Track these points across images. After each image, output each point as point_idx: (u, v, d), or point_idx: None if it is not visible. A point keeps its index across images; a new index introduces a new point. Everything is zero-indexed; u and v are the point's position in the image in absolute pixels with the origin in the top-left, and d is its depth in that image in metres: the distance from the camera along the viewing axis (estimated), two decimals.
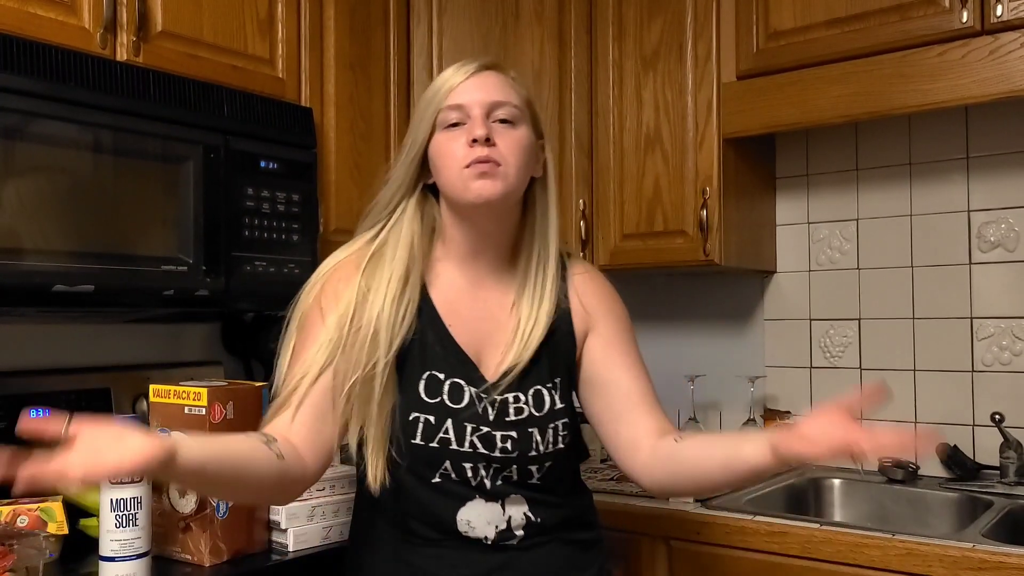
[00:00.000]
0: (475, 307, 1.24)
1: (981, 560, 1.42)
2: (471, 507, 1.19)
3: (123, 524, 1.25)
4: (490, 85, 1.19)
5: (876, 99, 1.82)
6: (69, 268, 1.38)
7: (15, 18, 1.38)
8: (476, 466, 1.18)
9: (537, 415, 1.20)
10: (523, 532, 1.21)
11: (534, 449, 1.19)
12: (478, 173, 1.15)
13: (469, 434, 1.17)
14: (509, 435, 1.18)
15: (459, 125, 1.18)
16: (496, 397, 1.19)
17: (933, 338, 2.09)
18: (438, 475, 1.18)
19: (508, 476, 1.19)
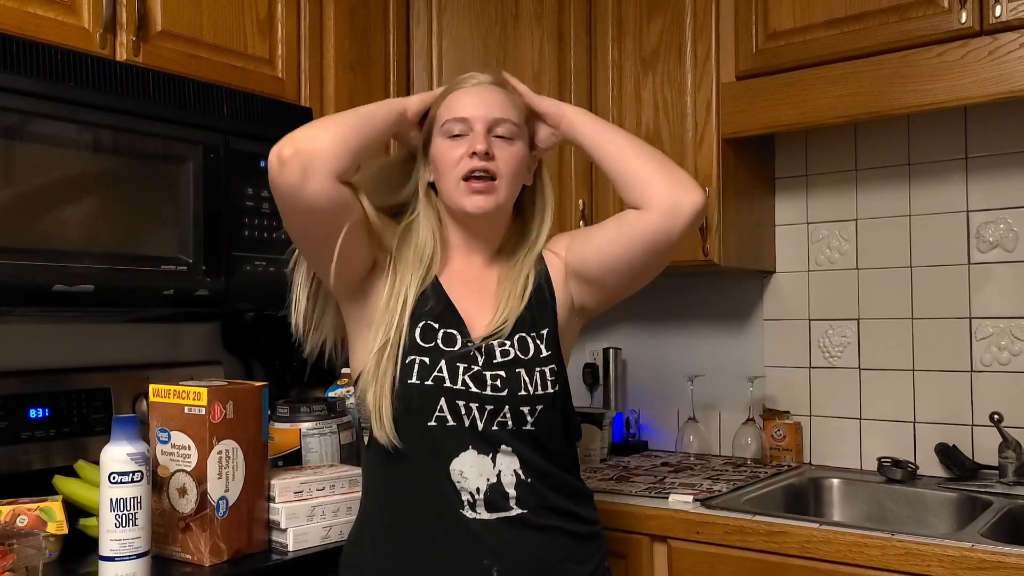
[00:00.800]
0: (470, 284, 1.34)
1: (980, 560, 1.43)
2: (463, 457, 1.23)
3: (123, 524, 1.25)
4: (494, 102, 1.30)
5: (875, 99, 1.83)
6: (69, 268, 1.38)
7: (15, 18, 1.38)
8: (468, 405, 1.24)
9: (523, 358, 1.28)
10: (514, 492, 1.24)
11: (523, 388, 1.26)
12: (473, 190, 1.27)
13: (461, 373, 1.25)
14: (498, 374, 1.26)
15: (461, 136, 1.28)
16: (482, 344, 1.28)
17: (932, 338, 2.09)
18: (434, 418, 1.24)
19: (503, 422, 1.25)
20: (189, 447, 1.37)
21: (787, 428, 2.22)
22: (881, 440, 2.14)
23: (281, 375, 2.11)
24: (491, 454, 1.24)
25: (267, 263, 1.68)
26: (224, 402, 1.38)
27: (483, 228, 1.34)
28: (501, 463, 1.24)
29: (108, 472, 1.26)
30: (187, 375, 1.79)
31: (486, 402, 1.24)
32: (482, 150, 1.26)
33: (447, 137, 1.29)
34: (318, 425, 1.73)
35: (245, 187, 1.64)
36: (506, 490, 1.24)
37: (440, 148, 1.30)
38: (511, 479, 1.24)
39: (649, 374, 2.53)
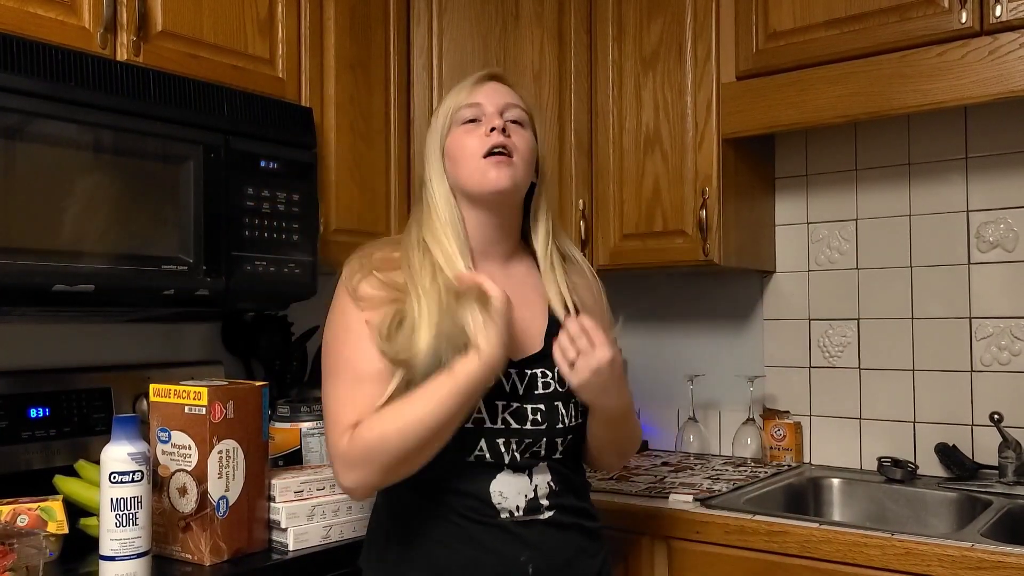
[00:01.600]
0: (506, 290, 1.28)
1: (980, 559, 1.43)
2: (501, 479, 1.24)
3: (123, 523, 1.25)
4: (502, 90, 1.33)
5: (875, 99, 1.83)
6: (69, 268, 1.38)
7: (15, 18, 1.38)
8: (508, 441, 1.24)
9: (561, 390, 1.28)
10: (547, 502, 1.27)
11: (560, 422, 1.27)
12: (494, 163, 1.26)
13: (501, 411, 1.24)
14: (538, 408, 1.26)
15: (475, 121, 1.30)
16: (527, 372, 1.27)
17: (932, 338, 2.09)
18: (473, 456, 1.23)
19: (536, 451, 1.26)
20: (189, 447, 1.37)
21: (787, 428, 2.22)
22: (881, 440, 2.14)
23: (281, 375, 2.11)
24: (526, 471, 1.26)
25: (267, 263, 1.67)
26: (224, 402, 1.38)
27: (501, 216, 1.32)
28: (537, 479, 1.26)
29: (108, 472, 1.26)
30: (187, 375, 1.79)
31: (525, 436, 1.25)
32: (500, 125, 1.27)
33: (461, 124, 1.30)
34: (318, 425, 1.73)
35: (245, 187, 1.64)
36: (540, 501, 1.27)
37: (455, 136, 1.30)
38: (545, 490, 1.27)
39: (649, 374, 2.53)
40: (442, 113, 1.33)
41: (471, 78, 1.34)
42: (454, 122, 1.31)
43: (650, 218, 2.13)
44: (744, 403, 2.32)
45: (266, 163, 1.68)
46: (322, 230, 1.83)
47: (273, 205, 1.69)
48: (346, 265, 1.31)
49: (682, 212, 2.07)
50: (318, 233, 1.79)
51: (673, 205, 2.09)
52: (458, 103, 1.31)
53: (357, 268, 1.28)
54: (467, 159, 1.28)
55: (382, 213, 2.01)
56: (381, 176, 2.01)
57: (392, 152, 2.04)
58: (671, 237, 2.10)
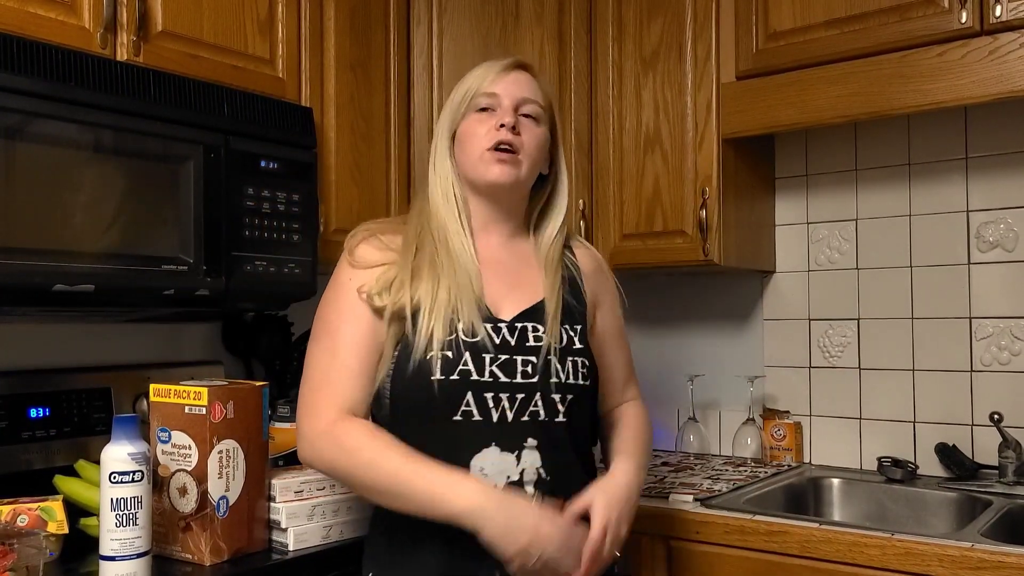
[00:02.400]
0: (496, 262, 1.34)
1: (980, 559, 1.43)
2: (486, 454, 1.22)
3: (123, 523, 1.25)
4: (522, 82, 1.34)
5: (875, 99, 1.83)
6: (69, 268, 1.38)
7: (15, 18, 1.38)
8: (498, 396, 1.22)
9: (556, 345, 1.27)
10: (532, 490, 1.22)
11: (555, 376, 1.25)
12: (498, 158, 1.29)
13: (488, 364, 1.23)
14: (529, 360, 1.25)
15: (488, 110, 1.32)
16: (516, 325, 1.27)
17: (932, 338, 2.09)
18: (460, 412, 1.22)
19: (535, 411, 1.24)
20: (189, 447, 1.37)
21: (787, 428, 2.22)
22: (881, 440, 2.14)
23: (281, 374, 2.11)
24: (516, 451, 1.23)
25: (267, 263, 1.68)
26: (224, 402, 1.38)
27: (501, 203, 1.35)
28: (525, 461, 1.23)
29: (109, 472, 1.26)
30: (187, 375, 1.79)
31: (516, 391, 1.23)
32: (510, 122, 1.28)
33: (475, 111, 1.32)
34: None
35: (245, 187, 1.64)
36: (525, 488, 1.22)
37: (468, 122, 1.32)
38: (532, 477, 1.23)
39: (649, 374, 2.53)
40: (460, 93, 1.34)
41: (497, 64, 1.34)
42: (470, 107, 1.32)
43: (650, 218, 2.13)
44: (744, 403, 2.32)
45: (266, 163, 1.68)
46: (322, 230, 1.83)
47: (273, 205, 1.69)
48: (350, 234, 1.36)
49: (682, 212, 2.07)
50: (318, 233, 1.79)
51: (673, 205, 2.09)
52: (478, 89, 1.32)
53: (360, 231, 1.34)
54: (474, 148, 1.30)
55: (382, 213, 2.01)
56: (381, 176, 2.01)
57: (392, 152, 2.04)
58: (671, 237, 2.10)
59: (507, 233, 1.38)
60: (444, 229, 1.31)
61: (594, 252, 1.49)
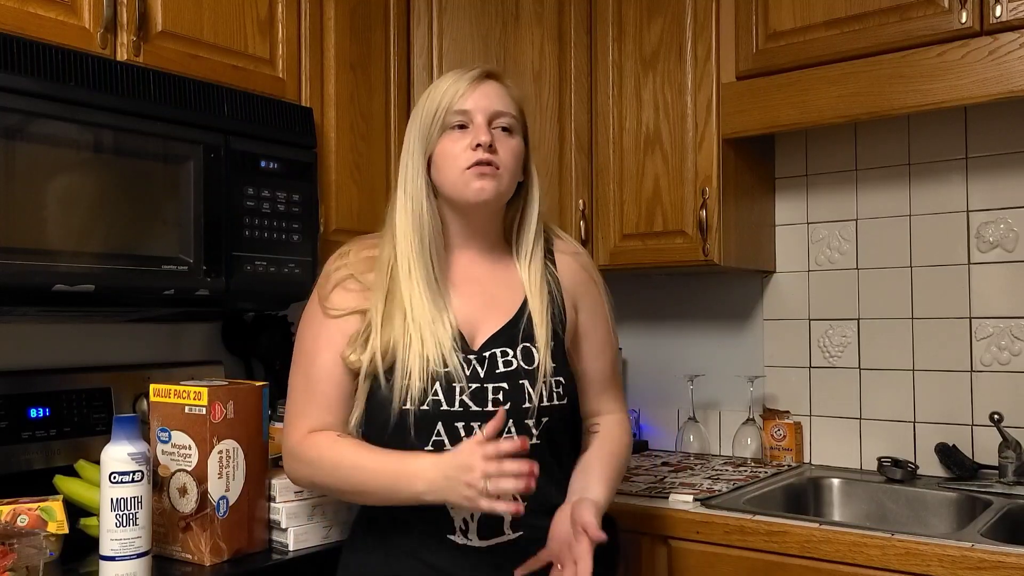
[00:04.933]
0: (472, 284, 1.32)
1: (980, 560, 1.43)
2: None
3: (123, 523, 1.25)
4: (492, 94, 1.30)
5: (875, 99, 1.83)
6: (69, 268, 1.38)
7: (15, 18, 1.38)
8: (469, 425, 1.22)
9: (527, 368, 1.26)
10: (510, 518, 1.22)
11: (527, 400, 1.24)
12: (479, 174, 1.26)
13: (459, 394, 1.22)
14: (500, 386, 1.24)
15: (463, 128, 1.28)
16: (485, 354, 1.26)
17: (932, 338, 2.09)
18: (431, 442, 1.22)
19: (508, 437, 1.20)
20: (189, 447, 1.37)
21: (787, 428, 2.22)
22: (881, 440, 2.14)
23: (281, 375, 2.10)
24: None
25: (267, 263, 1.68)
26: (224, 402, 1.38)
27: (481, 218, 1.33)
28: None
29: (109, 472, 1.26)
30: (187, 375, 1.79)
31: (488, 418, 1.19)
32: (486, 141, 1.25)
33: (448, 129, 1.28)
34: None
35: (245, 187, 1.64)
36: (502, 516, 1.22)
37: (443, 143, 1.28)
38: None
39: (649, 374, 2.53)
40: (429, 111, 1.29)
41: (464, 77, 1.30)
42: (443, 126, 1.28)
43: (650, 218, 2.13)
44: (744, 403, 2.32)
45: (266, 163, 1.68)
46: (322, 230, 1.83)
47: (273, 205, 1.69)
48: (327, 264, 1.35)
49: (682, 212, 2.07)
50: (318, 233, 1.79)
51: (673, 205, 2.09)
52: (449, 106, 1.28)
53: (333, 271, 1.33)
54: (451, 169, 1.27)
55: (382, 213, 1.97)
56: (381, 176, 2.01)
57: (392, 152, 2.03)
58: (671, 237, 2.10)
59: (486, 247, 1.36)
60: (413, 260, 1.27)
61: (577, 253, 1.43)
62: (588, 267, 1.42)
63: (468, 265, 1.34)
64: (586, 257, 1.44)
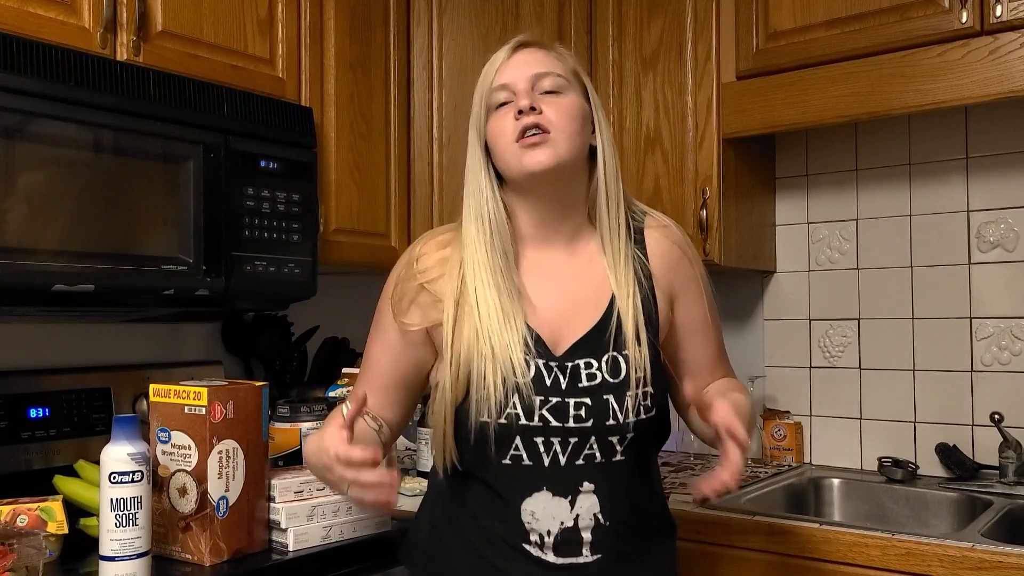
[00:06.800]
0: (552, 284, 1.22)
1: (980, 560, 1.43)
2: (537, 498, 1.14)
3: (123, 524, 1.25)
4: (532, 60, 1.20)
5: (876, 99, 1.82)
6: (69, 268, 1.38)
7: (15, 18, 1.38)
8: (549, 440, 1.14)
9: (612, 381, 1.15)
10: (590, 537, 1.15)
11: (611, 417, 1.14)
12: (528, 144, 1.15)
13: (538, 407, 1.13)
14: (583, 402, 1.14)
15: (507, 104, 1.19)
16: (567, 364, 1.16)
17: (932, 338, 2.09)
18: (509, 456, 1.15)
19: (590, 454, 1.14)
20: (189, 447, 1.37)
21: (787, 428, 2.22)
22: (881, 440, 2.14)
23: (281, 375, 2.11)
24: (569, 496, 1.14)
25: (267, 263, 1.67)
26: (224, 402, 1.38)
27: (554, 194, 1.20)
28: (580, 506, 1.14)
29: (108, 472, 1.26)
30: (187, 375, 1.79)
31: (568, 435, 1.13)
32: (527, 105, 1.15)
33: (494, 109, 1.20)
34: (318, 425, 1.73)
35: (245, 187, 1.64)
36: (581, 535, 1.14)
37: (492, 123, 1.20)
38: (589, 523, 1.14)
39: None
40: (476, 99, 1.23)
41: (500, 52, 1.22)
42: (488, 107, 1.21)
43: None
44: None
45: (266, 163, 1.68)
46: (322, 230, 1.83)
47: (273, 205, 1.69)
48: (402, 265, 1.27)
49: (682, 212, 2.07)
50: (318, 233, 1.79)
51: (673, 205, 2.09)
52: (489, 86, 1.20)
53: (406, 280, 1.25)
54: (503, 146, 1.18)
55: (382, 213, 2.01)
56: (381, 176, 2.01)
57: (392, 152, 2.03)
58: None
59: (568, 234, 1.23)
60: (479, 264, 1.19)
61: (669, 232, 1.28)
62: (681, 242, 1.28)
63: (546, 260, 1.23)
64: (676, 230, 1.30)
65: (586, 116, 1.21)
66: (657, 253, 1.25)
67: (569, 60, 1.24)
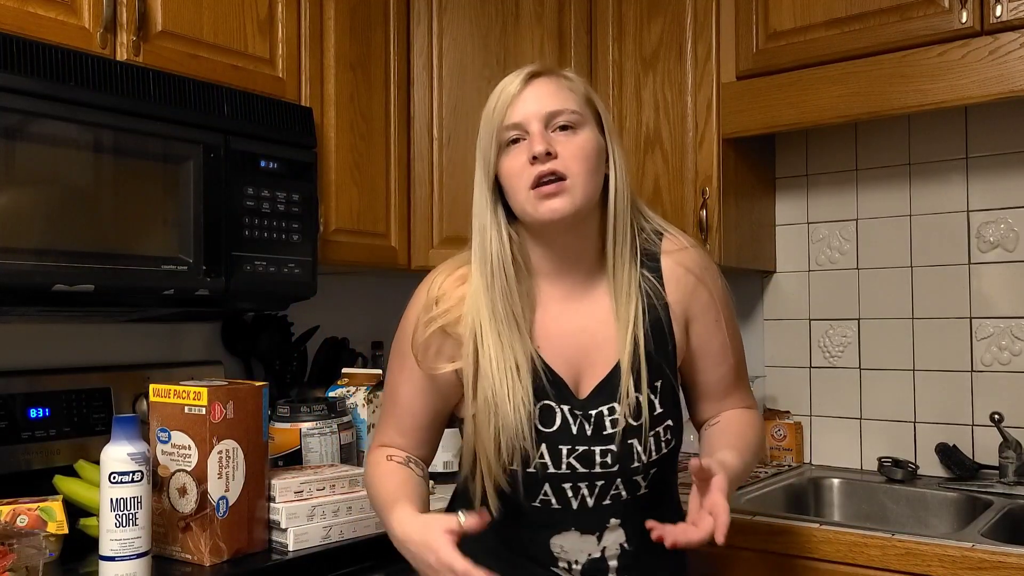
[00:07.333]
0: (570, 322, 1.20)
1: (980, 560, 1.43)
2: (565, 536, 1.18)
3: (123, 524, 1.25)
4: (544, 94, 1.16)
5: (876, 99, 1.82)
6: (69, 268, 1.38)
7: (15, 18, 1.38)
8: (576, 486, 1.17)
9: (635, 424, 1.16)
10: (616, 563, 1.19)
11: (636, 460, 1.17)
12: (544, 194, 1.12)
13: (565, 456, 1.16)
14: (608, 449, 1.16)
15: (519, 141, 1.15)
16: (591, 412, 1.16)
17: (932, 338, 2.09)
18: (538, 500, 1.18)
19: (616, 494, 1.17)
20: (189, 447, 1.37)
21: (787, 428, 2.22)
22: (881, 440, 2.14)
23: (281, 375, 2.11)
24: (597, 532, 1.18)
25: (267, 263, 1.67)
26: (224, 402, 1.38)
27: (570, 237, 1.18)
28: (607, 540, 1.18)
29: (108, 472, 1.26)
30: (187, 375, 1.79)
31: (596, 479, 1.16)
32: (541, 151, 1.11)
33: (506, 147, 1.16)
34: (318, 425, 1.73)
35: (245, 187, 1.64)
36: (608, 563, 1.19)
37: (504, 163, 1.16)
38: (615, 552, 1.19)
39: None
40: (484, 132, 1.18)
41: (511, 84, 1.17)
42: (500, 144, 1.16)
43: None
44: None
45: (266, 163, 1.68)
46: (322, 230, 1.83)
47: (273, 205, 1.69)
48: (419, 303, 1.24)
49: (682, 212, 2.07)
50: (318, 233, 1.79)
51: (673, 205, 2.09)
52: (500, 122, 1.16)
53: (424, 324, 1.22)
54: (517, 188, 1.15)
55: (382, 213, 2.01)
56: (381, 176, 2.01)
57: (392, 152, 2.03)
58: None
59: (585, 269, 1.21)
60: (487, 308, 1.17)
61: (685, 257, 1.24)
62: (696, 267, 1.24)
63: (564, 296, 1.21)
64: (692, 253, 1.25)
65: (601, 151, 1.18)
66: (672, 280, 1.22)
67: (580, 87, 1.20)
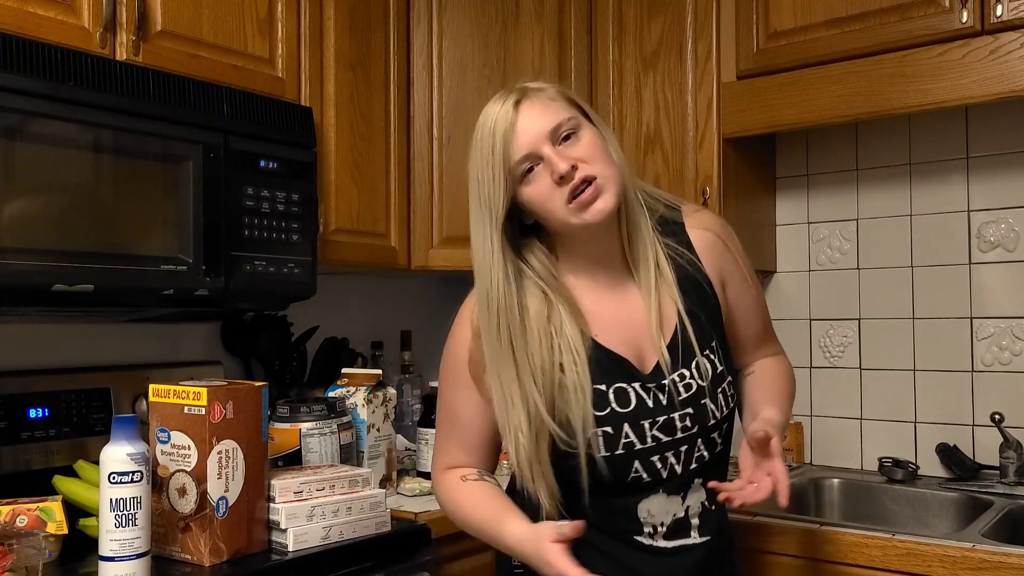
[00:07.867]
0: (617, 307, 1.25)
1: (981, 560, 1.42)
2: (652, 500, 1.22)
3: (123, 524, 1.25)
4: (536, 115, 1.17)
5: (876, 99, 1.82)
6: (69, 268, 1.38)
7: (15, 17, 1.38)
8: (664, 456, 1.20)
9: (704, 384, 1.22)
10: (698, 522, 1.24)
11: (711, 418, 1.22)
12: (584, 203, 1.15)
13: (648, 429, 1.20)
14: (687, 413, 1.21)
15: (534, 169, 1.17)
16: (664, 382, 1.21)
17: (933, 338, 2.09)
18: (629, 477, 1.21)
19: (700, 455, 1.22)
20: (189, 447, 1.37)
21: (788, 428, 2.22)
22: (882, 440, 2.14)
23: (281, 375, 2.10)
24: (682, 492, 1.23)
25: (267, 263, 1.67)
26: (224, 402, 1.38)
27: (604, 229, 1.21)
28: (690, 499, 1.23)
29: (108, 472, 1.26)
30: (187, 375, 1.79)
31: (680, 445, 1.20)
32: (567, 168, 1.14)
33: (523, 177, 1.17)
34: (318, 425, 1.73)
35: (245, 187, 1.64)
36: (690, 521, 1.23)
37: (527, 194, 1.18)
38: (698, 510, 1.24)
39: None
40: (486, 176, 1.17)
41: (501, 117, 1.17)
42: (514, 177, 1.17)
43: None
44: None
45: (265, 163, 1.68)
46: (322, 230, 1.83)
47: (272, 205, 1.69)
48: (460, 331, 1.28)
49: None
50: (318, 233, 1.79)
51: None
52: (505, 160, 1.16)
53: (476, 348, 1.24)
54: (555, 212, 1.17)
55: (382, 213, 2.01)
56: (381, 176, 2.01)
57: (392, 152, 2.03)
58: None
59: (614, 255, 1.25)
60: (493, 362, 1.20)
61: (705, 220, 1.31)
62: (716, 227, 1.31)
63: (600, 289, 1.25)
64: (709, 217, 1.33)
65: (603, 139, 1.20)
66: (702, 248, 1.28)
67: (556, 93, 1.22)
